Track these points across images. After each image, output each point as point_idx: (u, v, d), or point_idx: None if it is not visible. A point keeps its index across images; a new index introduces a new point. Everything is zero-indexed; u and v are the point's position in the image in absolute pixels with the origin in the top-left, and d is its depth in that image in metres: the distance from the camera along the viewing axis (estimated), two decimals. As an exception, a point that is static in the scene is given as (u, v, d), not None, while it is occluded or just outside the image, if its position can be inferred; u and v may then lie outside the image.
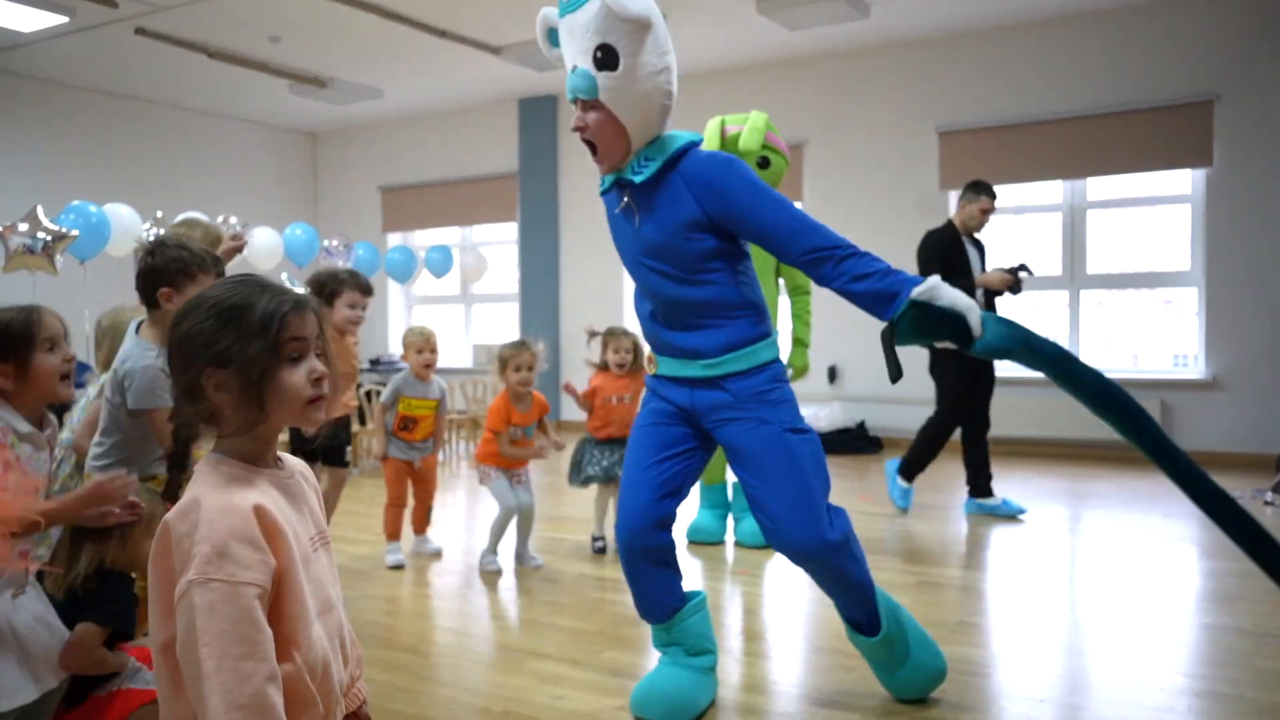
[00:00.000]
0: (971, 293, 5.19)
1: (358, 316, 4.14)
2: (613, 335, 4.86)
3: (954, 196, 8.76)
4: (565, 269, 10.56)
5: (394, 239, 11.83)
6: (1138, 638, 3.37)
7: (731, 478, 4.98)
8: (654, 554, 2.72)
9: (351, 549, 4.83)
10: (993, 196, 5.58)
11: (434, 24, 8.22)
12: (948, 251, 5.45)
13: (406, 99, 10.76)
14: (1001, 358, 2.43)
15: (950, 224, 5.61)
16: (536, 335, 4.80)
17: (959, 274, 5.27)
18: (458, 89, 10.39)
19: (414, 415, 4.56)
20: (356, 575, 4.35)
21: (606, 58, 2.44)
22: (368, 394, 8.22)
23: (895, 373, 2.47)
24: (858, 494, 6.36)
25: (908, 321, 2.40)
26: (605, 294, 10.03)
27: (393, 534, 4.60)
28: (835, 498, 2.69)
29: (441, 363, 4.73)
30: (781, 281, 5.00)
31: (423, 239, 11.74)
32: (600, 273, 9.94)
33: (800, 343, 5.04)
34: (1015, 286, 5.43)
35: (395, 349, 11.96)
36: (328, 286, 4.11)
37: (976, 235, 5.70)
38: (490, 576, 4.37)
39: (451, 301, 11.92)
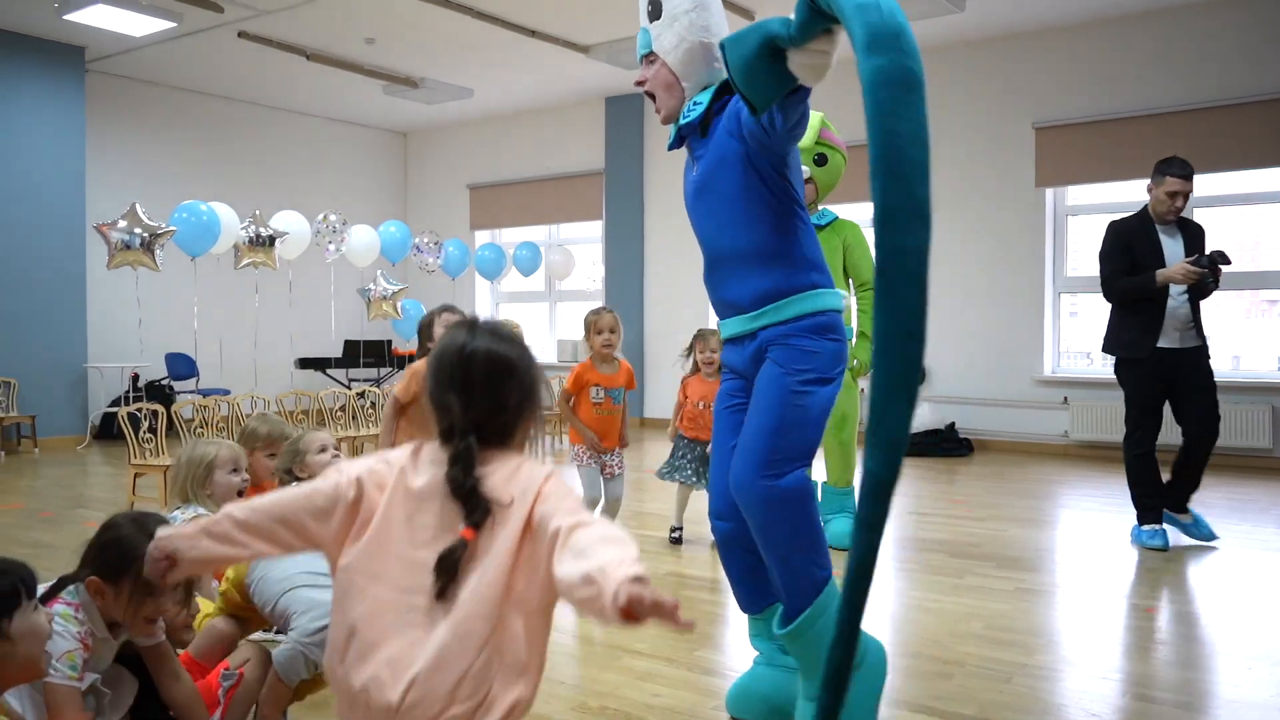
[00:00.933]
0: (1154, 289, 4.67)
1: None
2: (701, 336, 4.85)
3: (1051, 194, 8.52)
4: (650, 266, 10.58)
5: (481, 237, 12.01)
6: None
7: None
8: (740, 542, 2.66)
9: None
10: (1182, 176, 4.78)
11: (524, 24, 8.31)
12: (1128, 243, 4.79)
13: (495, 98, 10.91)
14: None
15: (1143, 211, 4.95)
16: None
17: (1146, 266, 4.69)
18: (546, 88, 10.49)
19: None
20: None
21: (654, 8, 2.56)
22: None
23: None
24: (948, 498, 6.23)
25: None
26: (690, 291, 10.01)
27: None
28: (924, 500, 2.64)
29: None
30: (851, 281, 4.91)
31: (509, 236, 11.89)
32: (685, 270, 9.93)
33: (865, 337, 4.93)
34: (1206, 281, 4.61)
35: (481, 345, 12.14)
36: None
37: (1177, 221, 4.88)
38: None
39: (537, 299, 12.05)
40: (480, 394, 1.46)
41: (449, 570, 1.36)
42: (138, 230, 7.20)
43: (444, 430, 1.46)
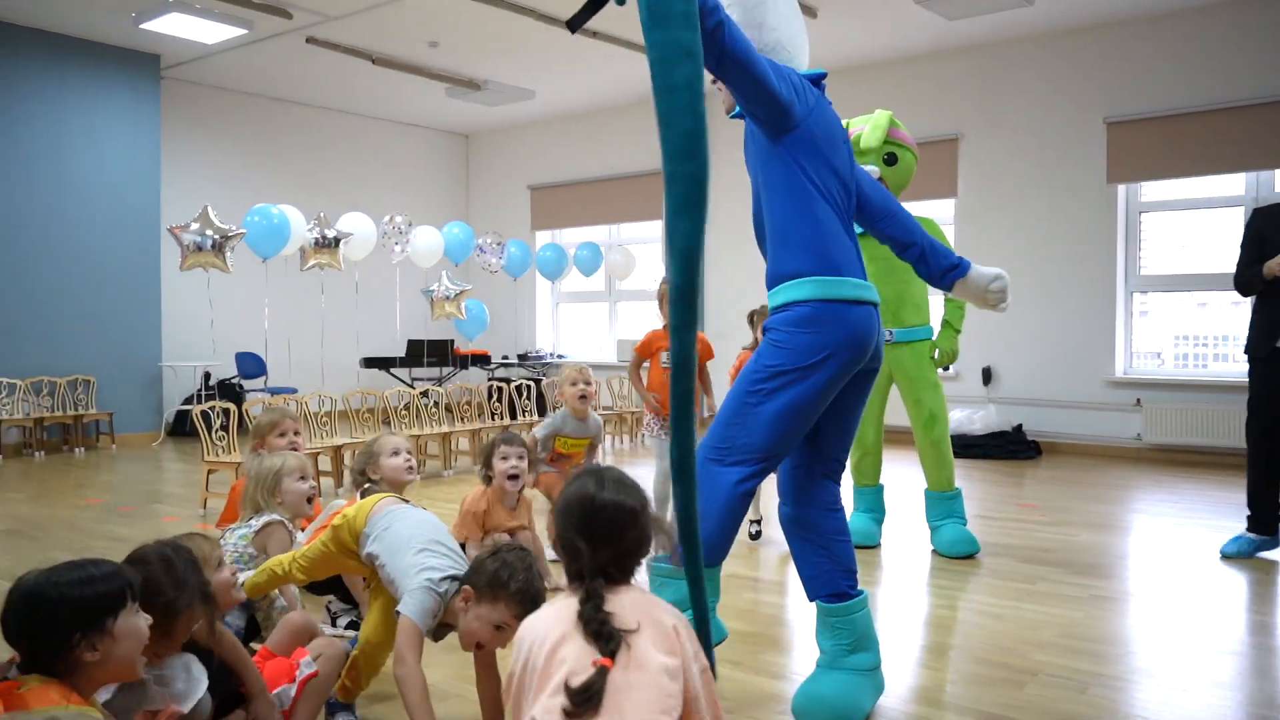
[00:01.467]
0: (1264, 282, 4.40)
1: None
2: (761, 313, 4.80)
3: (1123, 190, 8.31)
4: (711, 266, 10.54)
5: (542, 237, 12.08)
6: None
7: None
8: (800, 526, 2.70)
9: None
10: None
11: (588, 25, 8.33)
12: (1261, 233, 4.47)
13: (556, 99, 10.96)
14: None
15: None
16: None
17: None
18: (606, 88, 10.52)
19: (568, 453, 4.63)
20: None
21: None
22: (518, 388, 8.42)
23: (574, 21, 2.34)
24: (1016, 502, 6.10)
25: None
26: (751, 290, 9.95)
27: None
28: (990, 504, 2.58)
29: (586, 358, 4.78)
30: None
31: (569, 237, 11.94)
32: (746, 270, 9.87)
33: (949, 325, 4.83)
34: None
35: (543, 344, 12.23)
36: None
37: None
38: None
39: (597, 299, 12.08)
40: (605, 540, 1.66)
41: (592, 699, 1.50)
42: (209, 232, 7.38)
43: (573, 572, 1.68)
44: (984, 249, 8.80)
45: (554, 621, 1.63)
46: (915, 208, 5.21)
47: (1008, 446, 8.14)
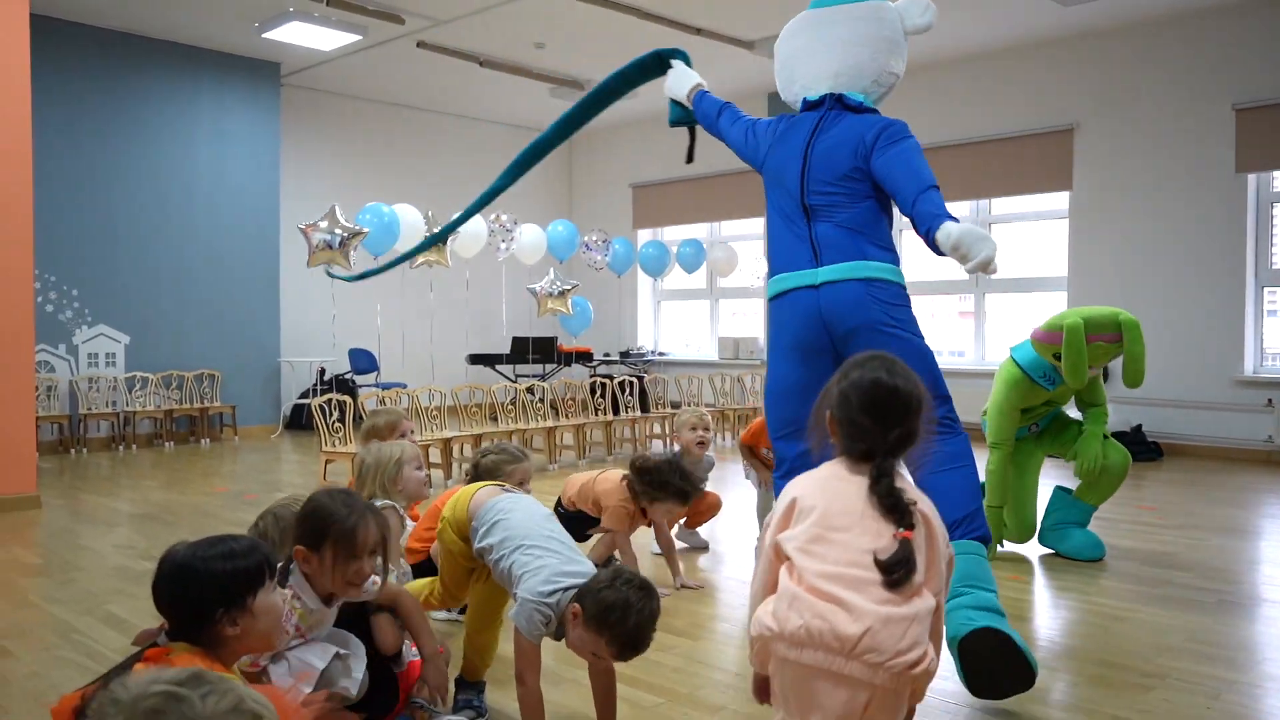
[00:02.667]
0: None
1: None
2: None
3: (1253, 180, 7.92)
4: (813, 263, 10.44)
5: (644, 235, 12.14)
6: None
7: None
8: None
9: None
10: None
11: (689, 21, 8.36)
12: None
13: (658, 98, 10.95)
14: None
15: None
16: None
17: None
18: (708, 86, 10.49)
19: None
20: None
21: None
22: (621, 384, 8.48)
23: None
24: (1135, 504, 5.87)
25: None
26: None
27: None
28: (1110, 505, 2.52)
29: (688, 356, 4.78)
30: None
31: (671, 235, 11.98)
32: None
33: (1093, 433, 4.59)
34: None
35: (645, 342, 12.29)
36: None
37: None
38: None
39: (698, 296, 12.09)
40: (895, 422, 1.78)
41: (906, 566, 1.69)
42: (337, 231, 7.65)
43: (862, 451, 1.79)
44: (1100, 243, 8.48)
45: (835, 494, 1.78)
46: (1029, 200, 5.07)
47: (1126, 448, 7.79)
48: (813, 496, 1.79)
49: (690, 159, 4.05)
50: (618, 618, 2.15)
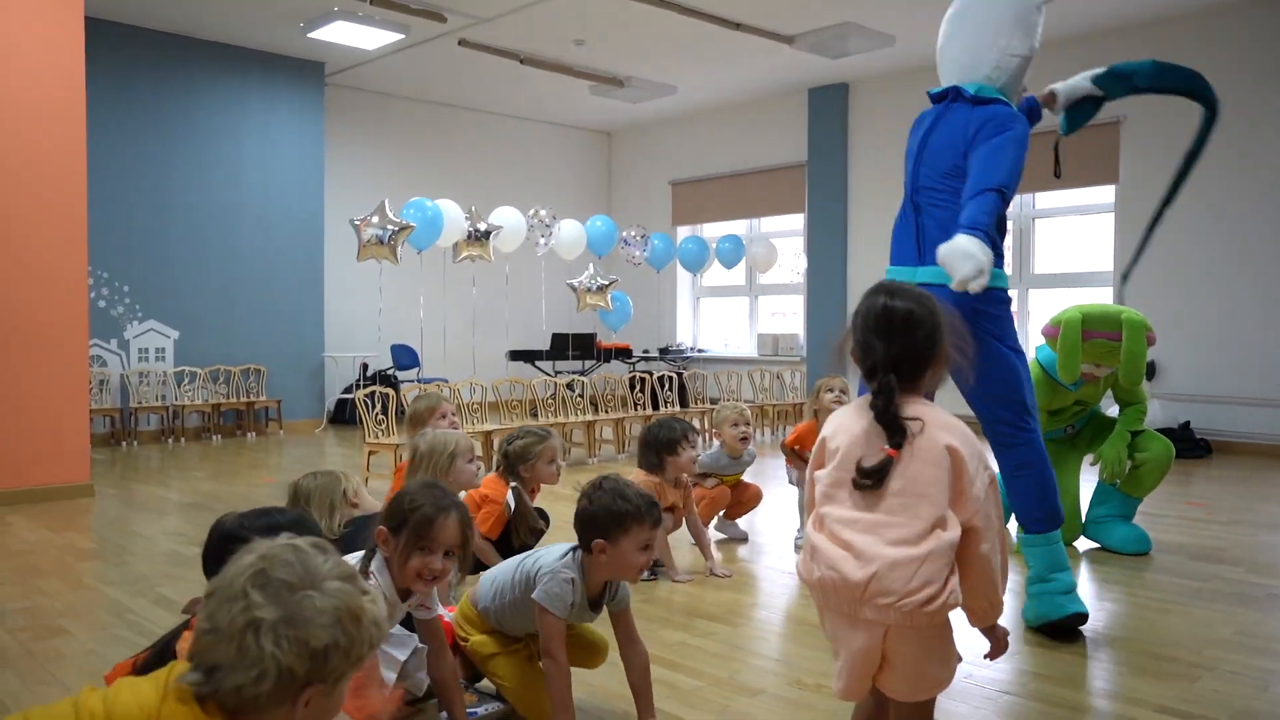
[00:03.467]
0: None
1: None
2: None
3: (1306, 171, 7.74)
4: (853, 258, 10.39)
5: (683, 231, 12.15)
6: None
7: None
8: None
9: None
10: None
11: (728, 16, 8.35)
12: None
13: (697, 94, 11.01)
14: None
15: None
16: (823, 326, 4.77)
17: None
18: (748, 81, 10.50)
19: (723, 482, 4.66)
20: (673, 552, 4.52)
21: None
22: (660, 379, 8.50)
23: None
24: (1183, 500, 5.78)
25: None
26: (895, 284, 9.75)
27: (706, 520, 4.72)
28: (1155, 501, 2.48)
29: (727, 353, 4.76)
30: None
31: (710, 231, 11.98)
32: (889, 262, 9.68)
33: (1121, 433, 4.54)
34: None
35: (683, 338, 12.30)
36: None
37: None
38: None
39: (737, 293, 12.07)
40: (896, 338, 1.82)
41: (877, 477, 1.74)
42: (388, 226, 7.75)
43: (868, 369, 1.84)
44: (1148, 237, 8.35)
45: (852, 427, 1.85)
46: (1074, 195, 5.00)
47: (1175, 445, 7.66)
48: (837, 435, 1.87)
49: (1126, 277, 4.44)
50: (620, 502, 2.32)
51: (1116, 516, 4.52)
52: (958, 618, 1.79)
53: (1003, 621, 1.91)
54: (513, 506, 3.77)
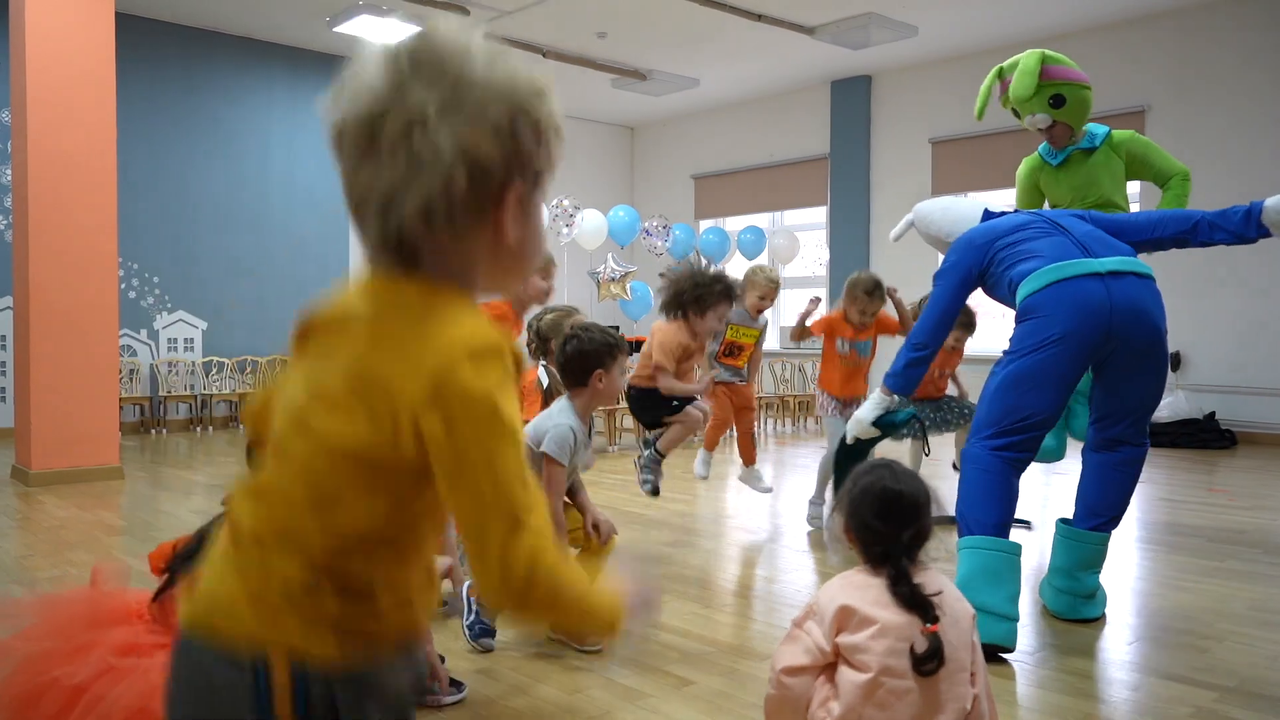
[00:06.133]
0: None
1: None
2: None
3: (1334, 159, 7.66)
4: (875, 251, 10.37)
5: (705, 225, 12.17)
6: None
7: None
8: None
9: (674, 507, 5.06)
10: None
11: (749, 8, 8.37)
12: None
13: (720, 87, 11.04)
14: None
15: None
16: None
17: None
18: (770, 74, 10.51)
19: (740, 342, 4.59)
20: (685, 531, 4.57)
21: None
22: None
23: None
24: (1208, 488, 5.75)
25: None
26: (916, 275, 9.71)
27: (710, 445, 4.75)
28: (1178, 488, 2.50)
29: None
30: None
31: (733, 225, 11.99)
32: (912, 254, 9.66)
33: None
34: None
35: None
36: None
37: None
38: (816, 533, 4.42)
39: (759, 286, 12.07)
40: (907, 523, 1.80)
41: (938, 658, 1.71)
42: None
43: (875, 555, 1.80)
44: (1173, 226, 8.28)
45: (860, 598, 1.78)
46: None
47: (1199, 435, 7.64)
48: (855, 603, 1.80)
49: None
50: (604, 333, 2.82)
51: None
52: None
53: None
54: (544, 383, 3.83)
